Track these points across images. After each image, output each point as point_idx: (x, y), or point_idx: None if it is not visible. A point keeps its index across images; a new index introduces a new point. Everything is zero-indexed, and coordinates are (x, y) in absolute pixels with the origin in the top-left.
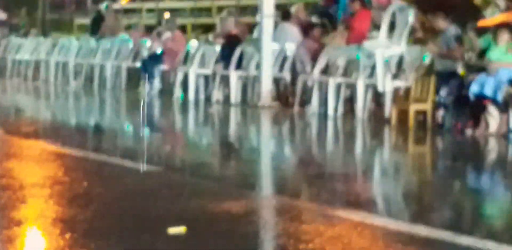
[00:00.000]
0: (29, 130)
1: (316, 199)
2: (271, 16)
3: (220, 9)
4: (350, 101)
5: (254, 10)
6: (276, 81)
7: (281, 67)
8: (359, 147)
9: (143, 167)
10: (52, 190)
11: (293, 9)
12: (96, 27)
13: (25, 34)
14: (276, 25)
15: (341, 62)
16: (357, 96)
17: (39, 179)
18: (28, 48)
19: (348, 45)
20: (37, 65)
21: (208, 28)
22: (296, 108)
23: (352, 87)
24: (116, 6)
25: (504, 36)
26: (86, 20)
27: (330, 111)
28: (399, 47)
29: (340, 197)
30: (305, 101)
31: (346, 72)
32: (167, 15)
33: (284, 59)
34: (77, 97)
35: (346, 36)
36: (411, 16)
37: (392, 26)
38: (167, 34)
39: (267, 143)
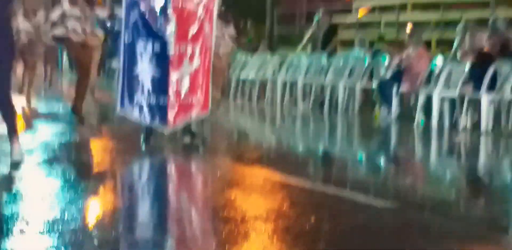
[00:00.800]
0: (253, 156)
1: None
2: None
3: (470, 21)
4: None
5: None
6: None
7: None
8: None
9: (377, 202)
10: (276, 224)
11: None
12: (327, 42)
13: (254, 50)
14: None
15: None
16: None
17: (263, 212)
18: (253, 66)
19: None
20: (263, 85)
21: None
22: None
23: None
24: (351, 19)
25: None
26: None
27: None
28: None
29: None
30: None
31: None
32: (410, 28)
33: None
34: (305, 121)
35: None
36: None
37: None
38: (409, 50)
39: None
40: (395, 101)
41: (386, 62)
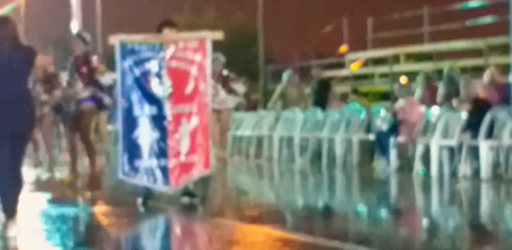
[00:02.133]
0: (253, 214)
1: None
2: None
3: (464, 70)
4: None
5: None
6: None
7: None
8: None
9: None
10: None
11: None
12: (321, 96)
13: (251, 107)
14: None
15: None
16: None
17: None
18: (249, 123)
19: None
20: (260, 142)
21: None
22: None
23: None
24: (345, 72)
25: None
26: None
27: None
28: None
29: None
30: None
31: None
32: (403, 79)
33: None
34: (304, 176)
35: None
36: None
37: None
38: (401, 102)
39: None
40: (393, 153)
41: (382, 114)
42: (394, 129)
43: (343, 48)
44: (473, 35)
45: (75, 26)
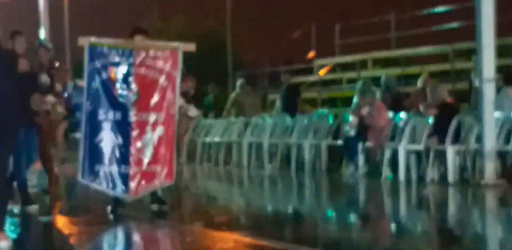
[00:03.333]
0: (223, 220)
1: None
2: (492, 80)
3: (431, 75)
4: None
5: (467, 74)
6: (502, 155)
7: (507, 139)
8: None
9: None
10: None
11: None
12: (291, 102)
13: (218, 115)
14: (498, 91)
15: None
16: None
17: None
18: (218, 129)
19: None
20: (229, 148)
21: None
22: None
23: None
24: (313, 78)
25: None
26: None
27: None
28: None
29: None
30: None
31: None
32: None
33: (510, 129)
34: (273, 182)
35: None
36: None
37: None
38: (366, 108)
39: (494, 230)
40: (361, 158)
41: (350, 120)
42: (362, 134)
43: (311, 54)
44: (439, 41)
45: (42, 33)
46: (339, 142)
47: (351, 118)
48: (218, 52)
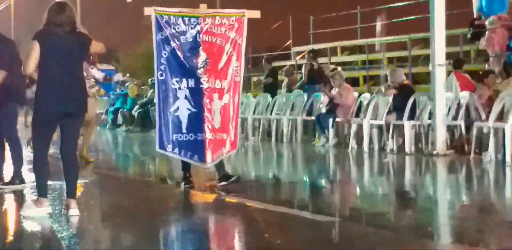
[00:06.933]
0: (213, 185)
1: (497, 248)
2: (443, 65)
3: (390, 60)
4: None
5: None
6: (451, 129)
7: (456, 115)
8: None
9: (321, 217)
10: (235, 240)
11: None
12: (269, 85)
13: None
14: (448, 74)
15: None
16: None
17: (221, 231)
18: None
19: None
20: None
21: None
22: (472, 155)
23: None
24: (290, 63)
25: None
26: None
27: (508, 158)
28: None
29: None
30: (480, 148)
31: None
32: (333, 69)
33: (458, 107)
34: (256, 152)
35: None
36: None
37: None
38: (335, 89)
39: (444, 192)
40: (331, 131)
41: (322, 98)
42: (332, 111)
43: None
44: (399, 31)
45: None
46: (313, 118)
47: (323, 97)
48: None
